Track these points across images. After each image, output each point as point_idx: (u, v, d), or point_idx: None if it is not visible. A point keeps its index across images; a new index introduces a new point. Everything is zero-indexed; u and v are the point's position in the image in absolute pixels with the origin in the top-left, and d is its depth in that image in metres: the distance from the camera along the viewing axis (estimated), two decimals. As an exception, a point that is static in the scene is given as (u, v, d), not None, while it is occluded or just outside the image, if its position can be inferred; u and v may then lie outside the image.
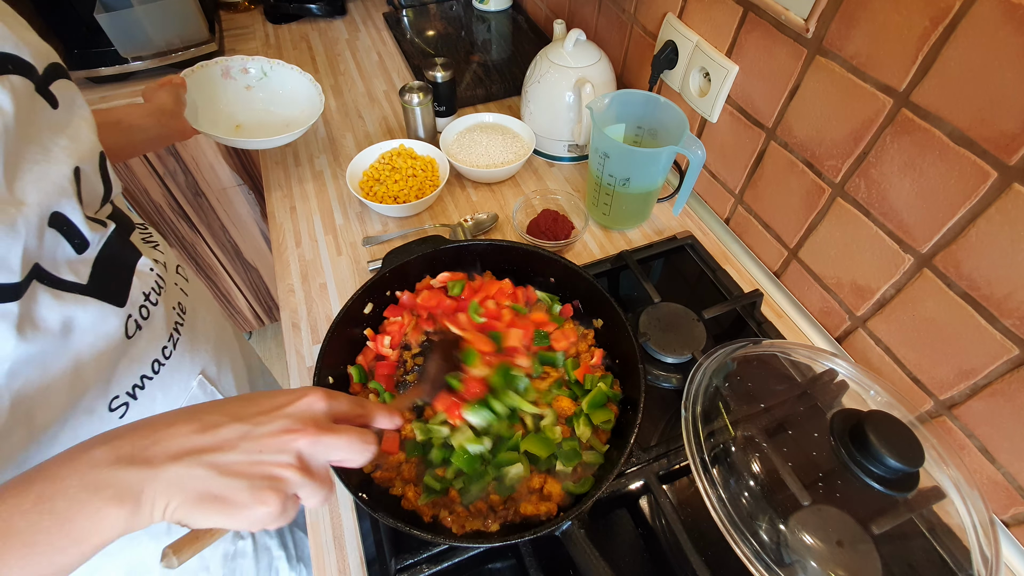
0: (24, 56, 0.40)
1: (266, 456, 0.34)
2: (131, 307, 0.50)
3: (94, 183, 0.47)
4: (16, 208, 0.38)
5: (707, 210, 0.89)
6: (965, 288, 0.53)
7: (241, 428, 0.34)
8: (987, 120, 0.47)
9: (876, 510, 0.46)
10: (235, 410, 0.36)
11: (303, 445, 0.35)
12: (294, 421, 0.35)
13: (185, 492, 0.32)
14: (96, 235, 0.46)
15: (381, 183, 0.87)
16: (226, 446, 0.33)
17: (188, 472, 0.32)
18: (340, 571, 0.54)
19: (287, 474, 0.34)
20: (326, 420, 0.37)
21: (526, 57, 1.04)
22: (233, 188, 1.46)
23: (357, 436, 0.37)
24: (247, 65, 0.95)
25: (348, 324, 0.62)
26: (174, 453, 0.32)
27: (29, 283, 0.39)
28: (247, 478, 0.33)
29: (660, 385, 0.67)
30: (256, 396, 0.37)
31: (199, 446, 0.33)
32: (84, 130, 0.47)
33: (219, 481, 0.32)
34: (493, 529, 0.50)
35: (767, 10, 0.64)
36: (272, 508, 0.33)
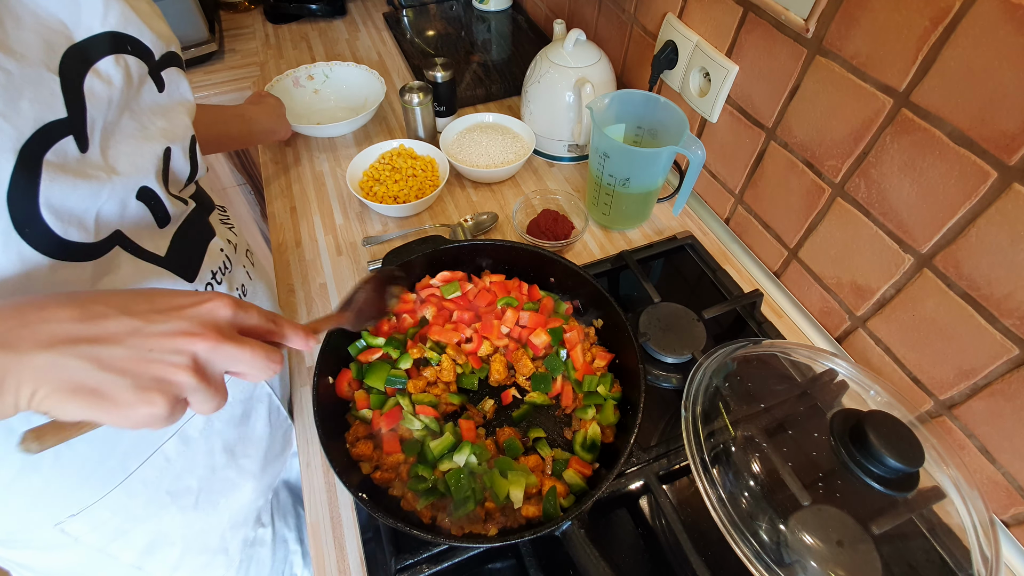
0: (145, 40, 0.43)
1: (156, 355, 0.31)
2: (199, 283, 0.52)
3: (181, 164, 0.50)
4: (107, 175, 0.40)
5: (707, 210, 0.89)
6: (965, 288, 0.53)
7: (131, 323, 0.32)
8: (987, 120, 0.47)
9: (876, 510, 0.46)
10: (125, 303, 0.33)
11: (200, 349, 0.32)
12: (194, 324, 0.33)
13: (55, 382, 0.30)
14: (177, 211, 0.48)
15: (381, 183, 0.87)
16: (110, 339, 0.31)
17: (60, 361, 0.30)
18: (340, 571, 0.54)
19: (179, 377, 0.32)
20: (230, 328, 0.35)
21: (526, 57, 1.04)
22: (233, 188, 1.46)
23: (261, 350, 0.35)
24: (311, 72, 1.08)
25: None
26: (45, 339, 0.30)
27: (111, 247, 0.42)
28: (131, 376, 0.31)
29: (660, 385, 0.67)
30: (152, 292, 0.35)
31: (77, 335, 0.30)
32: (182, 115, 0.49)
33: (97, 375, 0.30)
34: (492, 533, 0.50)
35: (767, 10, 0.64)
36: (157, 410, 0.31)
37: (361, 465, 0.55)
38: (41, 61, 0.36)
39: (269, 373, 0.36)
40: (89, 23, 0.39)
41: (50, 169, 0.36)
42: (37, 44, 0.36)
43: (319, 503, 0.59)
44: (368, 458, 0.55)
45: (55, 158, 0.36)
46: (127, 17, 0.42)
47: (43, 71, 0.36)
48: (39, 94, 0.35)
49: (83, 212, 0.39)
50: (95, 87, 0.39)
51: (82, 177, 0.38)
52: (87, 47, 0.39)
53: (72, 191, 0.37)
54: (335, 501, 0.59)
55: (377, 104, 1.00)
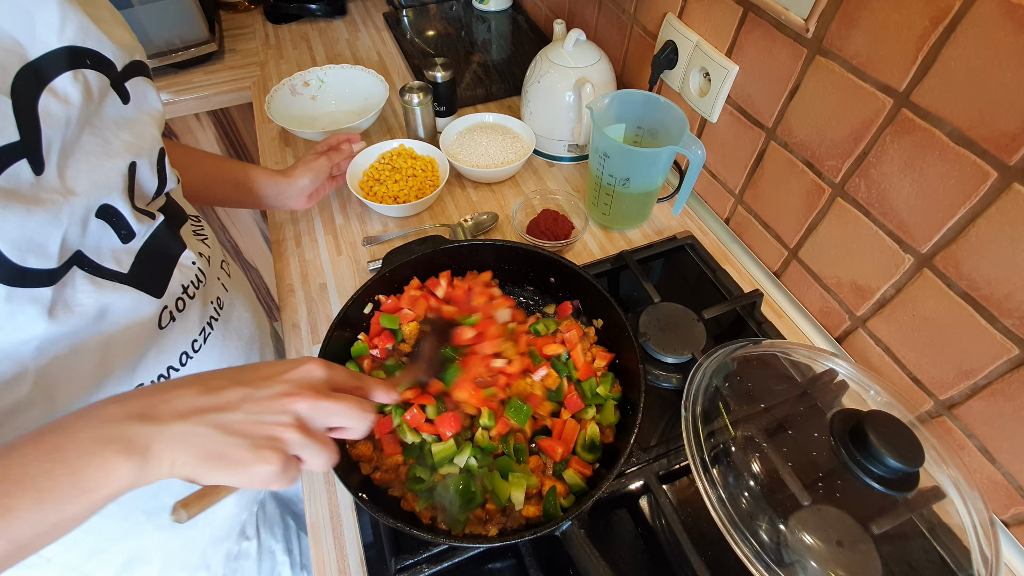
0: (105, 52, 0.42)
1: (266, 416, 0.36)
2: (168, 298, 0.51)
3: (148, 178, 0.48)
4: (64, 197, 0.39)
5: (707, 210, 0.89)
6: (965, 288, 0.53)
7: (243, 391, 0.36)
8: (987, 120, 0.47)
9: (876, 510, 0.46)
10: (237, 375, 0.38)
11: (302, 408, 0.37)
12: (293, 385, 0.37)
13: (190, 449, 0.34)
14: (143, 227, 0.47)
15: (381, 183, 0.87)
16: (228, 406, 0.35)
17: (193, 430, 0.34)
18: (340, 571, 0.54)
19: (287, 434, 0.36)
20: (324, 387, 0.39)
21: (526, 57, 1.04)
22: (233, 188, 1.46)
23: (356, 403, 0.39)
24: (306, 78, 1.06)
25: (348, 324, 0.62)
26: (180, 412, 0.34)
27: (68, 268, 0.40)
28: (248, 436, 0.35)
29: (660, 385, 0.67)
30: (258, 364, 0.40)
31: (203, 406, 0.35)
32: (149, 126, 0.48)
33: (222, 439, 0.34)
34: (492, 533, 0.50)
35: (767, 10, 0.64)
36: (273, 467, 0.35)
37: (361, 466, 0.55)
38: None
39: (366, 424, 0.39)
40: (44, 38, 0.37)
41: (2, 196, 0.35)
42: None
43: (319, 503, 0.59)
44: (368, 459, 0.55)
45: (6, 183, 0.35)
46: (86, 29, 0.40)
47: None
48: None
49: (44, 238, 0.38)
50: (51, 107, 0.37)
51: (36, 203, 0.37)
52: (42, 65, 0.37)
53: (27, 218, 0.36)
54: (335, 501, 0.59)
55: (380, 106, 1.00)
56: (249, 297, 0.70)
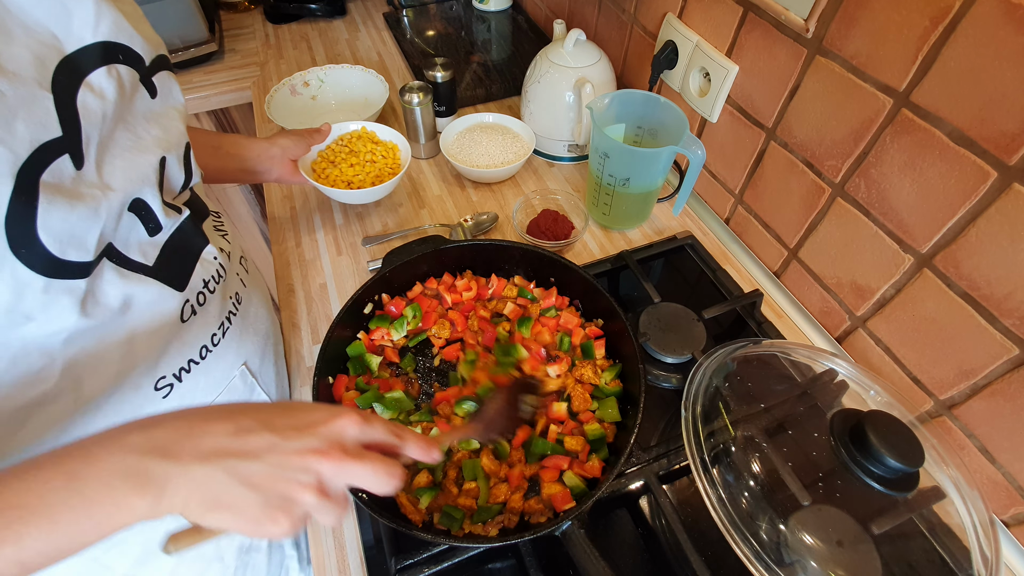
0: (135, 47, 0.42)
1: (287, 473, 0.34)
2: (190, 292, 0.51)
3: (176, 172, 0.48)
4: (102, 192, 0.39)
5: (707, 210, 0.89)
6: (965, 288, 0.53)
7: (270, 439, 0.35)
8: (987, 120, 0.47)
9: (876, 510, 0.46)
10: (269, 417, 0.36)
11: (326, 468, 0.35)
12: (323, 441, 0.35)
13: (204, 494, 0.33)
14: (170, 220, 0.47)
15: (335, 165, 0.81)
16: (252, 454, 0.34)
17: (211, 474, 0.33)
18: (340, 571, 0.54)
19: (304, 497, 0.34)
20: (355, 446, 0.37)
21: (526, 57, 1.04)
22: (233, 188, 1.46)
23: (383, 467, 0.37)
24: (306, 78, 1.06)
25: (348, 324, 0.62)
26: (204, 452, 0.33)
27: (99, 261, 0.40)
28: (264, 493, 0.33)
29: (660, 385, 0.67)
30: (294, 407, 0.38)
31: (227, 449, 0.34)
32: (176, 120, 0.48)
33: (237, 491, 0.33)
34: (492, 533, 0.50)
35: (767, 10, 0.64)
36: (281, 528, 0.34)
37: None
38: (33, 78, 0.35)
39: (390, 487, 0.37)
40: (80, 34, 0.38)
41: (47, 191, 0.35)
42: (28, 60, 0.35)
43: (319, 503, 0.59)
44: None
45: (51, 178, 0.35)
46: (119, 25, 0.40)
47: (36, 89, 0.35)
48: (33, 113, 0.34)
49: (84, 233, 0.38)
50: (88, 102, 0.38)
51: (78, 199, 0.37)
52: (78, 59, 0.37)
53: (70, 212, 0.37)
54: (335, 501, 0.59)
55: (380, 106, 1.00)
56: (264, 294, 0.70)
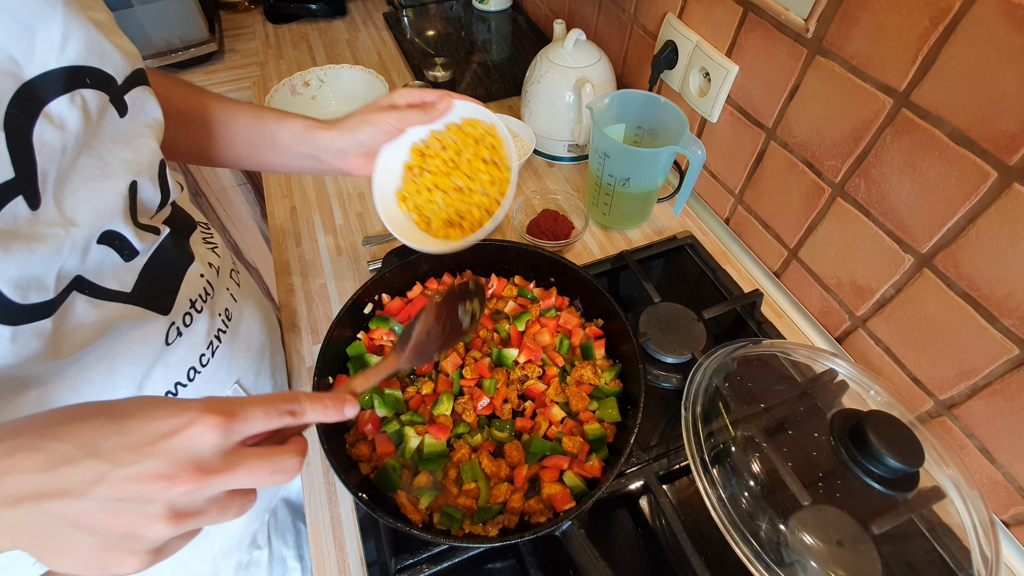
0: (107, 68, 0.37)
1: (125, 506, 0.28)
2: (175, 314, 0.48)
3: (150, 194, 0.44)
4: (64, 229, 0.35)
5: (707, 210, 0.89)
6: (965, 288, 0.53)
7: (96, 468, 0.27)
8: (987, 120, 0.47)
9: (876, 510, 0.46)
10: (93, 439, 0.28)
11: (177, 495, 0.28)
12: (167, 463, 0.28)
13: (29, 538, 0.28)
14: (147, 244, 0.43)
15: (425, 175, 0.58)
16: (74, 491, 0.27)
17: (27, 519, 0.27)
18: (340, 571, 0.54)
19: (150, 531, 0.28)
20: (217, 457, 0.30)
21: (526, 57, 1.04)
22: (233, 188, 1.46)
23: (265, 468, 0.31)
24: (305, 78, 1.06)
25: (348, 324, 0.62)
26: (11, 496, 0.27)
27: (68, 295, 0.37)
28: (98, 533, 0.28)
29: (660, 385, 0.67)
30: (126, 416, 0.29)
31: (42, 489, 0.27)
32: (148, 140, 0.43)
33: (65, 533, 0.27)
34: (492, 533, 0.50)
35: (767, 10, 0.64)
36: (129, 568, 0.29)
37: (360, 465, 0.55)
38: None
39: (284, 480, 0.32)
40: (44, 57, 0.33)
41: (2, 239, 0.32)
42: None
43: (319, 503, 0.59)
44: (367, 458, 0.55)
45: (4, 224, 0.32)
46: (90, 45, 0.35)
47: None
48: None
49: (43, 274, 0.35)
50: (46, 135, 0.33)
51: (36, 240, 0.34)
52: (38, 86, 0.33)
53: (28, 258, 0.33)
54: (335, 501, 0.59)
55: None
56: (260, 303, 0.67)
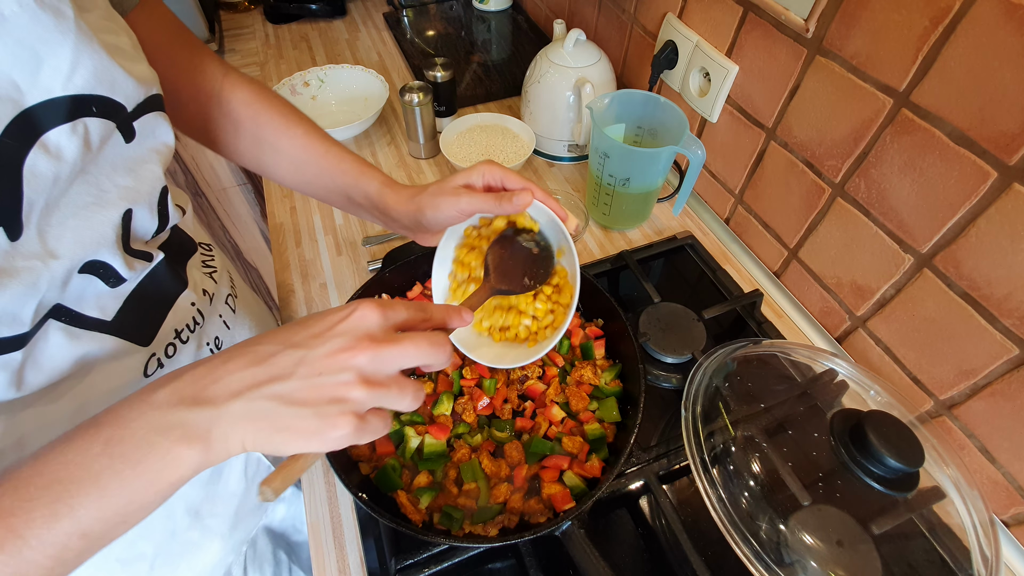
0: (117, 96, 0.36)
1: (326, 379, 0.33)
2: (156, 345, 0.46)
3: (146, 221, 0.42)
4: (43, 262, 0.34)
5: (707, 210, 0.89)
6: (965, 288, 0.53)
7: (295, 354, 0.33)
8: (987, 120, 0.47)
9: (876, 510, 0.46)
10: (287, 336, 0.35)
11: (362, 362, 0.33)
12: (348, 339, 0.34)
13: (255, 425, 0.32)
14: (135, 272, 0.41)
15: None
16: (283, 375, 0.33)
17: (252, 406, 0.32)
18: (340, 571, 0.54)
19: (352, 393, 0.33)
20: (383, 332, 0.35)
21: (526, 57, 1.04)
22: (233, 188, 1.46)
23: (424, 340, 0.35)
24: (306, 78, 1.05)
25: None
26: (235, 390, 0.32)
27: (43, 324, 0.36)
28: (311, 404, 0.32)
29: (660, 385, 0.67)
30: (307, 319, 0.36)
31: (257, 379, 0.33)
32: (152, 166, 0.41)
33: (285, 411, 0.32)
34: (492, 533, 0.50)
35: (767, 10, 0.64)
36: (345, 430, 0.33)
37: (360, 465, 0.55)
38: None
39: (443, 356, 0.36)
40: (48, 84, 0.31)
41: None
42: None
43: (319, 503, 0.59)
44: (367, 458, 0.55)
45: None
46: (100, 73, 0.34)
47: None
48: None
49: (18, 308, 0.33)
50: (38, 166, 0.31)
51: (10, 275, 0.32)
52: (38, 114, 0.31)
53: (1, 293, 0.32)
54: (335, 501, 0.59)
55: (380, 106, 1.00)
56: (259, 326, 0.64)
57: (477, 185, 0.51)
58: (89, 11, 0.34)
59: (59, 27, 0.31)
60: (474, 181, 0.51)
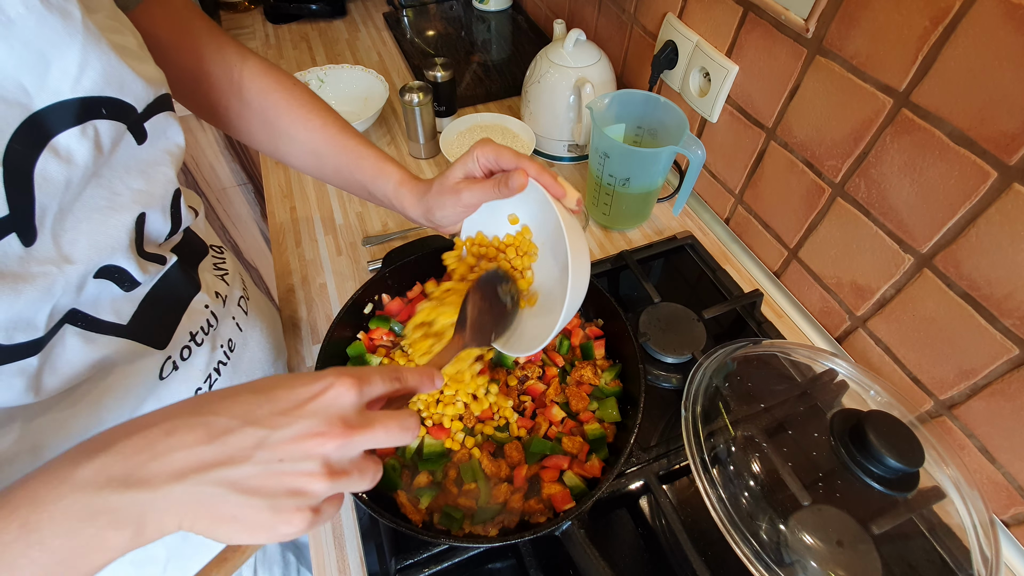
0: (126, 97, 0.35)
1: (287, 466, 0.30)
2: (172, 348, 0.45)
3: (159, 224, 0.42)
4: (58, 267, 0.33)
5: (707, 210, 0.89)
6: (965, 288, 0.53)
7: (255, 434, 0.30)
8: (987, 120, 0.47)
9: (876, 510, 0.46)
10: (247, 409, 0.31)
11: (330, 450, 0.30)
12: (318, 422, 0.31)
13: (196, 512, 0.29)
14: (149, 275, 0.41)
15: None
16: (238, 458, 0.29)
17: (196, 491, 0.29)
18: (340, 571, 0.54)
19: (312, 486, 0.30)
20: (356, 414, 0.32)
21: (526, 57, 1.04)
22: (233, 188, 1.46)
23: (396, 425, 0.33)
24: (306, 78, 1.04)
25: (348, 324, 0.62)
26: (176, 470, 0.28)
27: (59, 329, 0.36)
28: (266, 495, 0.29)
29: (660, 385, 0.67)
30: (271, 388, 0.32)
31: (206, 461, 0.29)
32: (164, 168, 0.41)
33: (234, 499, 0.29)
34: (492, 533, 0.50)
35: (767, 10, 0.64)
36: (298, 527, 0.30)
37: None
38: None
39: (410, 438, 0.34)
40: (57, 87, 0.30)
41: None
42: None
43: (319, 503, 0.59)
44: (368, 458, 0.55)
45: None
46: (108, 75, 0.33)
47: None
48: None
49: (33, 315, 0.33)
50: (50, 170, 0.31)
51: (25, 281, 0.31)
52: (47, 117, 0.30)
53: (15, 299, 0.31)
54: (335, 501, 0.59)
55: (380, 106, 1.00)
56: (267, 330, 0.64)
57: (477, 174, 0.50)
58: (96, 11, 0.34)
59: (67, 28, 0.30)
60: (472, 170, 0.50)
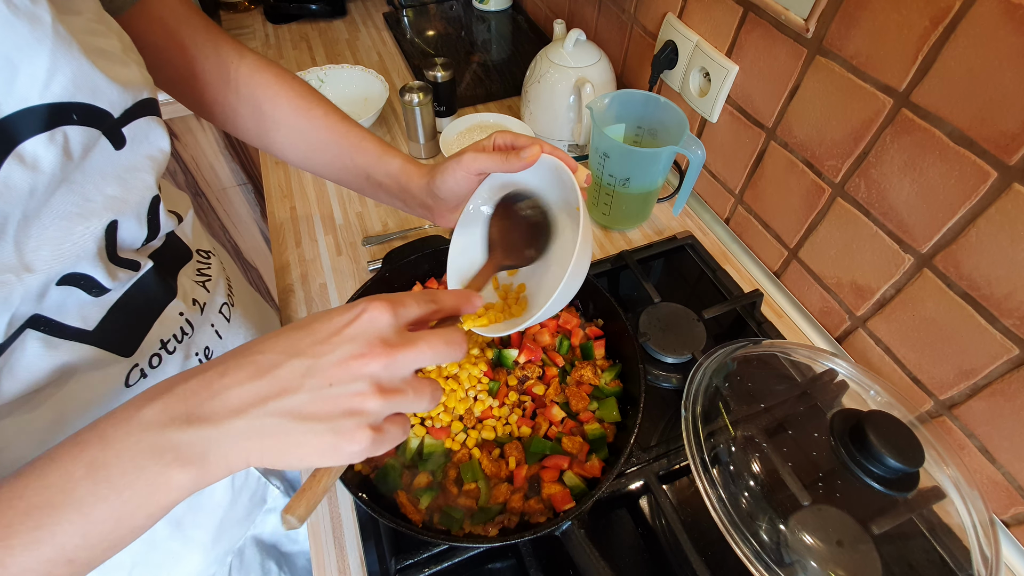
0: (100, 103, 0.34)
1: (337, 390, 0.30)
2: (139, 356, 0.44)
3: (133, 231, 0.41)
4: (17, 276, 0.32)
5: (707, 210, 0.89)
6: (965, 288, 0.53)
7: (302, 364, 0.31)
8: (987, 120, 0.47)
9: (876, 510, 0.46)
10: (289, 344, 0.32)
11: (376, 369, 0.31)
12: (359, 345, 0.31)
13: (263, 444, 0.30)
14: (119, 282, 0.40)
15: None
16: (291, 388, 0.30)
17: (258, 424, 0.29)
18: (340, 571, 0.54)
19: (366, 404, 0.31)
20: (396, 334, 0.32)
21: (526, 57, 1.04)
22: (233, 188, 1.46)
23: (439, 339, 0.33)
24: (306, 78, 1.03)
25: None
26: (236, 406, 0.29)
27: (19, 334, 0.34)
28: (324, 419, 0.30)
29: (660, 385, 0.67)
30: (309, 322, 0.33)
31: (261, 394, 0.30)
32: (144, 174, 0.40)
33: (295, 427, 0.30)
34: (492, 533, 0.50)
35: (767, 10, 0.64)
36: (362, 445, 0.31)
37: (360, 465, 0.55)
38: None
39: (459, 353, 0.34)
40: (24, 93, 0.30)
41: None
42: None
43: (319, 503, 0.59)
44: (367, 459, 0.55)
45: None
46: (79, 81, 0.32)
47: None
48: None
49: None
50: (13, 177, 0.30)
51: None
52: (13, 124, 0.30)
53: None
54: (335, 501, 0.59)
55: (380, 106, 1.00)
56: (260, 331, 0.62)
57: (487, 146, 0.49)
58: (77, 14, 0.34)
59: (34, 34, 0.30)
60: (485, 145, 0.49)
